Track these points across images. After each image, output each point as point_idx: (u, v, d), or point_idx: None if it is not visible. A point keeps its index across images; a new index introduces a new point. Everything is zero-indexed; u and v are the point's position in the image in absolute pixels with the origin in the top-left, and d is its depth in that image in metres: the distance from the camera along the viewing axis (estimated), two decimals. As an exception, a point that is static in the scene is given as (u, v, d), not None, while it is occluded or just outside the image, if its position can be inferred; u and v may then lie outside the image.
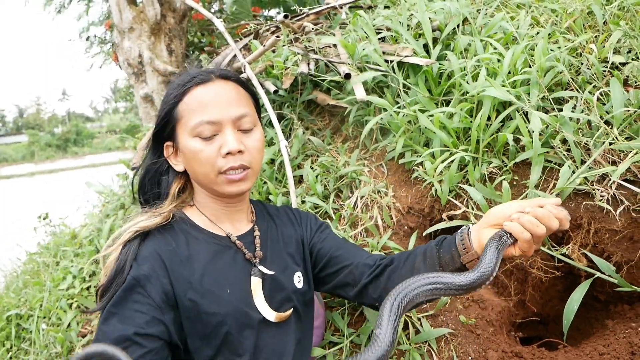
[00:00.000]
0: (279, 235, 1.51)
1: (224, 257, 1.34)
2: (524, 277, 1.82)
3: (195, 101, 1.30)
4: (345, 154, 2.26)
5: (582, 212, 1.65)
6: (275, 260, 1.44)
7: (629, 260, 1.64)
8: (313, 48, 2.58)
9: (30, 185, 23.77)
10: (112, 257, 1.27)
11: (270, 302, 1.36)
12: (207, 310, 1.25)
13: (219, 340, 1.27)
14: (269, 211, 1.59)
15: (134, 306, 1.18)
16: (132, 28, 4.28)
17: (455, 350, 1.62)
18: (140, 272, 1.21)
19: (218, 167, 1.29)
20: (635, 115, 1.63)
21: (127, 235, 1.28)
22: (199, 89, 1.32)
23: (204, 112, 1.28)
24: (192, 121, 1.29)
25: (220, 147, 1.28)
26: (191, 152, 1.30)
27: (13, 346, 2.69)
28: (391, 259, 1.42)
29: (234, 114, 1.30)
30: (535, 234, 1.10)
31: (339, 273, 1.49)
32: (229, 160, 1.29)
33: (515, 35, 2.06)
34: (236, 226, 1.44)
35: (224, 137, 1.29)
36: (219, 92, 1.32)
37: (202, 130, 1.28)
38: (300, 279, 1.47)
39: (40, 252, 3.50)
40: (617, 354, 1.49)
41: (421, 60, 2.05)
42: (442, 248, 1.29)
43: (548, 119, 1.71)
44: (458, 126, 1.89)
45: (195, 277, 1.26)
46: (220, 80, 1.35)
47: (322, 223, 1.63)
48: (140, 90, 4.39)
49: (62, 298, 2.65)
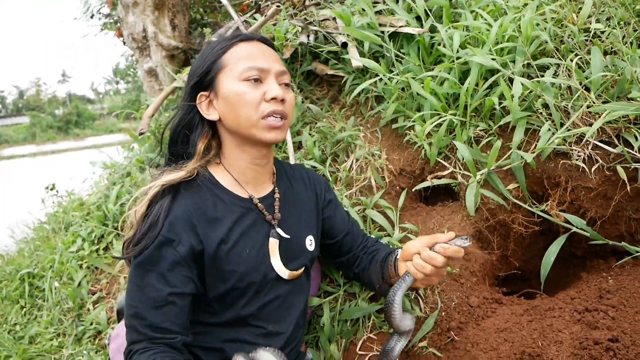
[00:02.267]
0: (295, 199, 1.62)
1: (246, 220, 1.44)
2: (506, 232, 1.95)
3: (243, 51, 1.40)
4: (341, 121, 2.38)
5: (560, 171, 1.77)
6: (291, 222, 1.56)
7: (602, 215, 1.76)
8: (312, 21, 2.69)
9: (32, 165, 23.88)
10: (140, 212, 1.35)
11: (285, 261, 1.49)
12: (228, 268, 1.38)
13: (236, 295, 1.41)
14: (286, 172, 1.68)
15: (168, 265, 1.29)
16: (136, 3, 4.37)
17: (439, 296, 1.76)
18: (173, 231, 1.30)
19: (261, 110, 1.37)
20: (611, 80, 1.75)
21: (155, 190, 1.35)
22: (244, 44, 1.42)
23: (253, 60, 1.38)
24: (240, 66, 1.37)
25: (265, 93, 1.37)
26: (237, 95, 1.36)
27: (27, 304, 2.84)
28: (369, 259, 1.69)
29: (278, 68, 1.41)
30: (425, 273, 1.38)
31: (338, 254, 1.75)
32: (271, 104, 1.37)
33: (504, 8, 2.17)
34: (259, 187, 1.52)
35: (269, 85, 1.38)
36: (264, 49, 1.44)
37: (250, 74, 1.36)
38: (312, 242, 1.61)
39: (49, 220, 3.64)
40: (586, 298, 1.62)
41: (414, 30, 2.16)
42: (383, 268, 1.61)
43: (531, 85, 1.82)
44: (448, 91, 2.01)
45: (220, 237, 1.37)
46: (262, 43, 1.46)
47: (331, 197, 1.75)
48: (144, 65, 4.49)
49: (72, 259, 2.79)
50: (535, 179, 1.84)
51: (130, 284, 1.33)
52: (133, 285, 1.31)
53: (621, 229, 1.78)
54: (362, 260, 1.71)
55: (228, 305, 1.42)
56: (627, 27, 1.86)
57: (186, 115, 1.45)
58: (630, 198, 1.71)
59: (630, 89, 1.68)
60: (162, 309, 1.29)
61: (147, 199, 1.35)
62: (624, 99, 1.71)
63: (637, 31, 1.83)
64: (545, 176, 1.81)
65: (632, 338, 1.41)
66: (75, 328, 2.48)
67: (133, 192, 2.83)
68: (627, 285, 1.61)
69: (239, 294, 1.42)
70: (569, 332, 1.49)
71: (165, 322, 1.29)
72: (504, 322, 1.64)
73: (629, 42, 1.80)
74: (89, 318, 2.44)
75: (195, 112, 1.44)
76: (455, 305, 1.74)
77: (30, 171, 19.56)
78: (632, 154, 1.62)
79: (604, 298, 1.59)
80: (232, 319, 1.42)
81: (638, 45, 1.81)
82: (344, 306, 1.86)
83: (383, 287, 1.60)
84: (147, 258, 1.30)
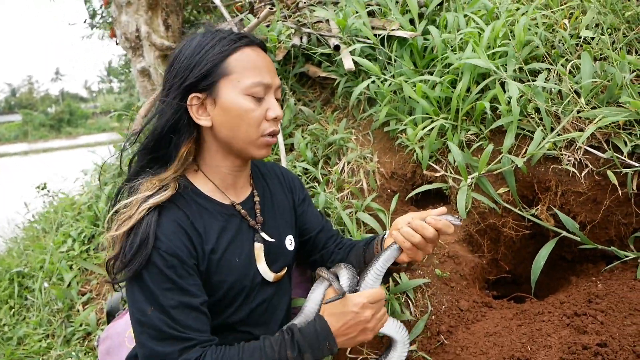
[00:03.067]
0: (273, 199, 1.60)
1: (231, 227, 1.41)
2: (497, 236, 1.96)
3: (249, 60, 1.31)
4: (334, 123, 2.38)
5: (551, 175, 1.78)
6: (272, 224, 1.54)
7: (592, 220, 1.77)
8: (305, 22, 2.69)
9: (24, 163, 23.73)
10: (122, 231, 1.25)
11: (269, 264, 1.48)
12: (219, 278, 1.35)
13: (225, 303, 1.39)
14: (261, 172, 1.64)
15: (186, 280, 1.25)
16: (129, 2, 4.35)
17: (430, 299, 1.76)
18: (174, 247, 1.24)
19: (262, 129, 1.33)
20: (601, 85, 1.76)
21: (141, 214, 1.25)
22: (249, 50, 1.33)
23: (260, 74, 1.31)
24: (247, 80, 1.29)
25: (267, 111, 1.33)
26: (241, 110, 1.30)
27: (16, 304, 2.82)
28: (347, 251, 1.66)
29: (277, 82, 1.38)
30: (413, 242, 1.32)
31: (312, 251, 1.71)
32: (272, 124, 1.35)
33: (496, 12, 2.18)
34: (238, 192, 1.48)
35: (270, 102, 1.34)
36: (266, 58, 1.36)
37: (257, 90, 1.30)
38: (292, 242, 1.60)
39: (39, 219, 3.62)
40: (575, 302, 1.63)
41: (406, 33, 2.17)
42: (367, 250, 1.55)
43: (522, 89, 1.83)
44: (439, 95, 2.02)
45: (211, 248, 1.33)
46: (261, 50, 1.38)
47: (305, 194, 1.73)
48: (137, 65, 4.47)
49: (62, 259, 2.78)
50: (525, 183, 1.85)
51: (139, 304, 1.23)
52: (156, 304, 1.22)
53: (611, 233, 1.79)
54: (338, 254, 1.67)
55: (216, 313, 1.39)
56: (617, 33, 1.87)
57: (174, 115, 1.31)
58: (620, 203, 1.72)
59: (620, 94, 1.69)
60: (196, 316, 1.25)
61: (134, 221, 1.25)
62: (614, 104, 1.72)
63: (626, 37, 1.84)
64: (535, 180, 1.82)
65: (620, 343, 1.41)
66: (65, 329, 2.46)
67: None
68: (616, 290, 1.62)
69: (229, 302, 1.40)
70: (558, 337, 1.49)
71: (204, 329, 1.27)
72: (494, 326, 1.64)
73: (619, 48, 1.82)
74: (79, 319, 2.43)
75: (183, 113, 1.31)
76: (445, 308, 1.74)
77: (22, 169, 19.44)
78: (622, 159, 1.63)
79: (593, 302, 1.60)
80: (219, 326, 1.40)
81: (627, 51, 1.83)
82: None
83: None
84: (163, 277, 1.23)
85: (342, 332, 1.30)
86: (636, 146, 1.64)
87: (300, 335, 1.28)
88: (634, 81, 1.73)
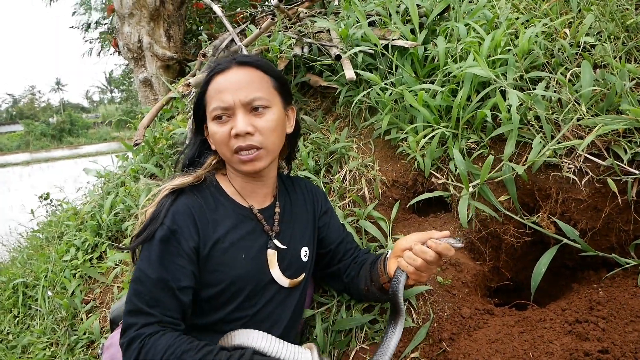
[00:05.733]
0: (293, 213, 1.68)
1: (245, 226, 1.52)
2: (498, 244, 1.97)
3: (214, 89, 1.46)
4: (335, 132, 2.40)
5: (551, 183, 1.79)
6: (288, 234, 1.62)
7: (593, 227, 1.78)
8: (306, 33, 2.71)
9: (26, 173, 23.75)
10: (149, 212, 1.44)
11: (284, 271, 1.56)
12: (222, 269, 1.43)
13: (226, 297, 1.45)
14: (287, 186, 1.75)
15: (173, 259, 1.35)
16: (132, 14, 4.39)
17: (432, 306, 1.77)
18: (175, 225, 1.37)
19: (231, 146, 1.43)
20: (600, 93, 1.77)
21: (164, 193, 1.45)
22: (219, 77, 1.46)
23: (218, 98, 1.43)
24: (210, 106, 1.45)
25: (231, 129, 1.42)
26: (211, 134, 1.47)
27: (20, 313, 2.82)
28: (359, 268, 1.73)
29: (244, 98, 1.42)
30: (415, 266, 1.40)
31: (330, 262, 1.79)
32: (237, 141, 1.42)
33: (496, 22, 2.20)
34: (260, 200, 1.60)
35: (234, 120, 1.42)
36: (233, 78, 1.45)
37: (217, 114, 1.43)
38: (307, 253, 1.66)
39: (43, 229, 3.63)
40: (577, 309, 1.63)
41: (407, 43, 2.19)
42: (372, 269, 1.63)
43: (523, 97, 1.84)
44: (440, 104, 2.03)
45: (217, 237, 1.43)
46: (238, 67, 1.47)
47: (328, 207, 1.82)
48: (139, 75, 4.51)
49: (65, 268, 2.79)
50: (526, 190, 1.86)
51: (137, 270, 1.37)
52: (140, 272, 1.35)
53: (611, 240, 1.80)
54: (353, 269, 1.74)
55: (217, 308, 1.45)
56: (617, 42, 1.89)
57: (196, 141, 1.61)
58: (620, 210, 1.73)
59: (620, 102, 1.71)
60: (170, 296, 1.33)
61: (157, 200, 1.45)
62: (613, 112, 1.74)
63: (626, 45, 1.86)
64: (536, 188, 1.83)
65: (622, 349, 1.42)
66: (68, 337, 2.46)
67: (127, 201, 2.83)
68: (618, 297, 1.62)
69: (230, 298, 1.45)
70: (560, 343, 1.50)
71: (173, 311, 1.33)
72: (496, 333, 1.64)
73: (618, 57, 1.83)
74: (82, 327, 2.43)
75: (204, 140, 1.59)
76: (447, 316, 1.75)
77: (24, 179, 19.46)
78: (622, 166, 1.64)
79: (595, 309, 1.60)
80: (219, 321, 1.45)
81: (627, 59, 1.84)
82: (336, 317, 1.86)
83: (371, 289, 1.63)
84: (156, 253, 1.35)
85: None
86: (636, 154, 1.65)
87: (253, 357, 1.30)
88: (633, 89, 1.74)
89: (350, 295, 1.86)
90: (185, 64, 4.59)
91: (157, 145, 2.96)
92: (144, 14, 4.37)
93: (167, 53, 4.39)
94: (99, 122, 59.02)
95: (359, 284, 1.68)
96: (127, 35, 4.43)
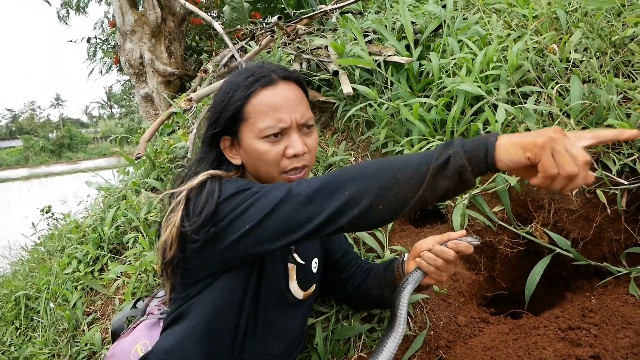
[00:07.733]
0: None
1: None
2: (493, 253, 2.01)
3: (263, 104, 1.33)
4: (333, 145, 2.46)
5: (544, 193, 1.84)
6: (302, 247, 1.59)
7: (585, 237, 1.83)
8: (305, 49, 2.78)
9: (25, 188, 23.79)
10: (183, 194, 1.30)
11: (299, 284, 1.53)
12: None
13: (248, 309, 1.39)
14: None
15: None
16: (133, 30, 4.48)
17: (428, 315, 1.81)
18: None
19: (282, 167, 1.35)
20: (590, 107, 1.83)
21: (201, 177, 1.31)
22: (265, 91, 1.34)
23: (274, 117, 1.32)
24: (261, 124, 1.32)
25: (286, 148, 1.33)
26: (257, 153, 1.34)
27: (22, 325, 2.85)
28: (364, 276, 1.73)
29: (300, 119, 1.34)
30: (436, 265, 1.41)
31: (334, 272, 1.78)
32: (292, 161, 1.35)
33: (489, 38, 2.27)
34: None
35: (290, 140, 1.34)
36: (285, 95, 1.35)
37: (272, 132, 1.31)
38: (316, 265, 1.65)
39: (44, 242, 3.66)
40: (570, 316, 1.68)
41: (402, 59, 2.25)
42: (386, 272, 1.63)
43: (513, 111, 1.90)
44: (435, 117, 2.09)
45: None
46: (284, 83, 1.37)
47: None
48: (140, 90, 4.58)
49: (67, 281, 2.81)
50: (519, 201, 1.91)
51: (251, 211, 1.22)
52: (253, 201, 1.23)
53: (603, 249, 1.85)
54: (356, 278, 1.74)
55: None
56: (604, 57, 1.96)
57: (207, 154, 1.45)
58: (611, 220, 1.78)
59: (607, 115, 1.76)
60: None
61: (197, 181, 1.31)
62: (602, 125, 1.79)
63: (613, 60, 1.92)
64: (529, 199, 1.88)
65: (613, 355, 1.46)
66: (70, 349, 2.49)
67: (129, 214, 2.87)
68: (609, 304, 1.67)
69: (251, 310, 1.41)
70: (553, 349, 1.54)
71: None
72: (491, 340, 1.68)
73: (606, 71, 1.90)
74: (84, 339, 2.45)
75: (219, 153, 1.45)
76: (444, 324, 1.78)
77: (24, 194, 19.49)
78: (611, 177, 1.69)
79: (587, 317, 1.64)
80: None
81: (615, 74, 1.91)
82: (336, 326, 1.89)
83: (385, 293, 1.61)
84: (240, 195, 1.25)
85: (513, 138, 1.02)
86: (624, 165, 1.71)
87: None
88: (621, 103, 1.80)
89: (350, 305, 1.88)
90: (186, 79, 4.67)
91: (158, 159, 3.00)
92: (145, 30, 4.46)
93: (168, 69, 4.47)
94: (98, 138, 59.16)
95: (370, 290, 1.68)
96: (129, 51, 4.52)
